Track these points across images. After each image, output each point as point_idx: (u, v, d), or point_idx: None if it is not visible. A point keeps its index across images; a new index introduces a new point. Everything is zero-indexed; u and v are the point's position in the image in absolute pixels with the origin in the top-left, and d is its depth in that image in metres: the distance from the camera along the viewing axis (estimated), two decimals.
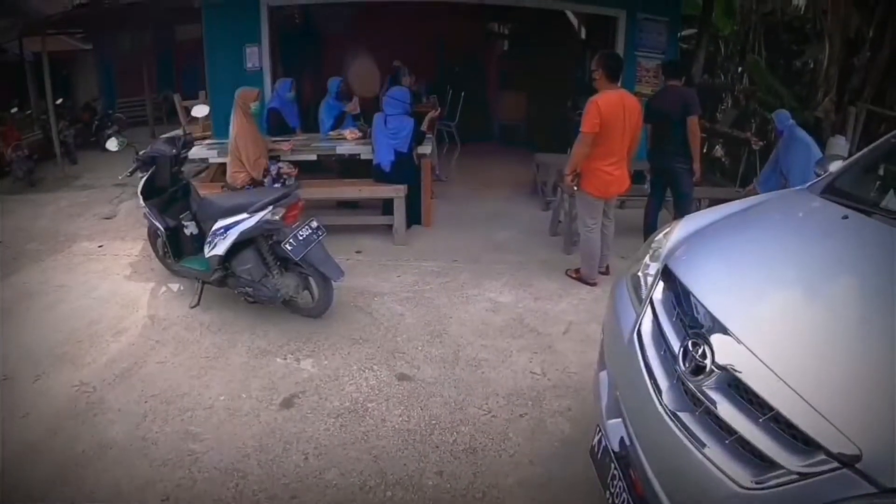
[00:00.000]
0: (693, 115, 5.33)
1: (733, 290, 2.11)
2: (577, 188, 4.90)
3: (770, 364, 1.63)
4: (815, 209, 2.56)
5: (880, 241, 2.14)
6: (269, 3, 7.61)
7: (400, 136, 5.97)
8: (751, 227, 2.61)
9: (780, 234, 2.48)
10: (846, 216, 2.29)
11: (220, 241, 4.26)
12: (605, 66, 4.67)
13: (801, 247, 2.30)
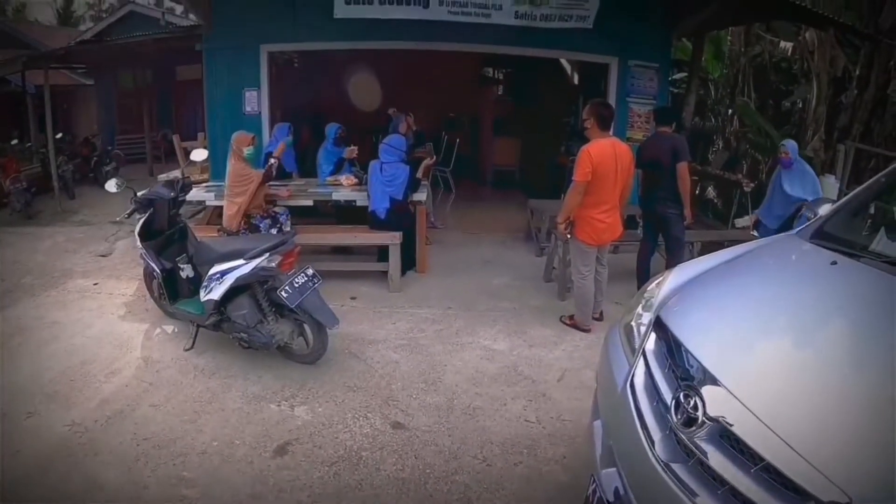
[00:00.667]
0: (682, 162, 5.41)
1: (724, 341, 2.14)
2: (570, 236, 4.97)
3: (760, 415, 1.66)
4: (805, 256, 2.61)
5: (868, 287, 2.18)
6: (268, 49, 7.76)
7: (395, 183, 6.03)
8: (741, 276, 2.64)
9: (770, 282, 2.52)
10: (835, 262, 2.33)
11: (217, 286, 4.27)
12: (596, 114, 4.76)
13: (790, 295, 2.33)
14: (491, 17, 6.09)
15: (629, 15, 7.27)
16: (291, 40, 7.83)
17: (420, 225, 6.38)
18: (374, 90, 10.53)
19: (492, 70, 14.91)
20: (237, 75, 7.76)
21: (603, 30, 6.42)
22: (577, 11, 6.22)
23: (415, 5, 6.02)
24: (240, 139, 5.70)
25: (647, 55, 7.96)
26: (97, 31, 17.78)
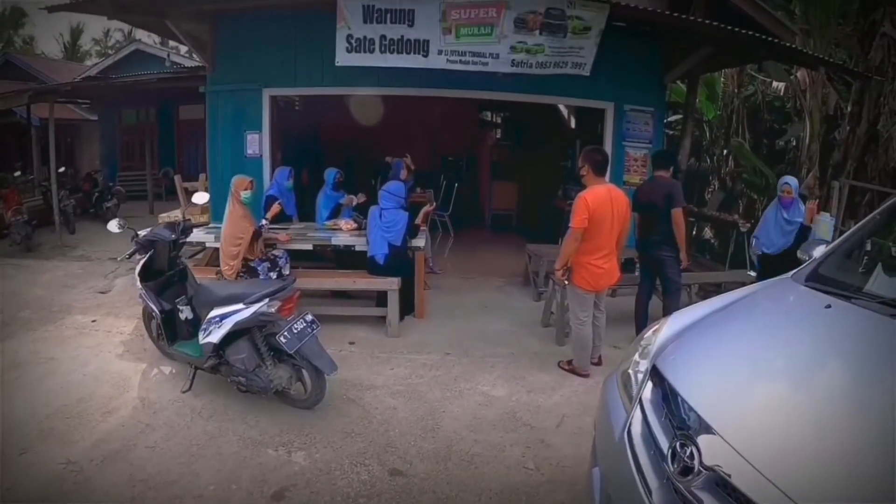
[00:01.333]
0: (677, 207, 5.49)
1: (719, 389, 2.16)
2: (567, 282, 5.00)
3: (757, 465, 1.67)
4: (799, 300, 2.65)
5: (862, 330, 2.21)
6: (270, 92, 7.90)
7: (394, 229, 6.08)
8: (736, 323, 2.67)
9: (765, 328, 2.54)
10: (829, 305, 2.36)
11: (216, 330, 4.28)
12: (591, 161, 4.84)
13: (785, 341, 2.36)
14: (488, 66, 6.22)
15: (624, 60, 7.46)
16: (293, 85, 7.98)
17: (419, 270, 6.41)
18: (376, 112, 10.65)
19: (490, 114, 15.13)
20: (239, 118, 7.89)
21: (598, 75, 6.55)
22: (573, 59, 6.33)
23: (414, 54, 6.14)
24: (237, 183, 5.80)
25: (642, 99, 8.12)
26: (103, 68, 18.10)
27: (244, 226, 5.73)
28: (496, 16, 6.01)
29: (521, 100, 8.54)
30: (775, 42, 6.81)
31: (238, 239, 5.71)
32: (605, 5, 6.10)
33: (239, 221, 5.74)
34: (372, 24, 6.06)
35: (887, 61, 8.60)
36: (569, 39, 6.18)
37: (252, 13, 7.56)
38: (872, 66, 8.70)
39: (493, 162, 12.67)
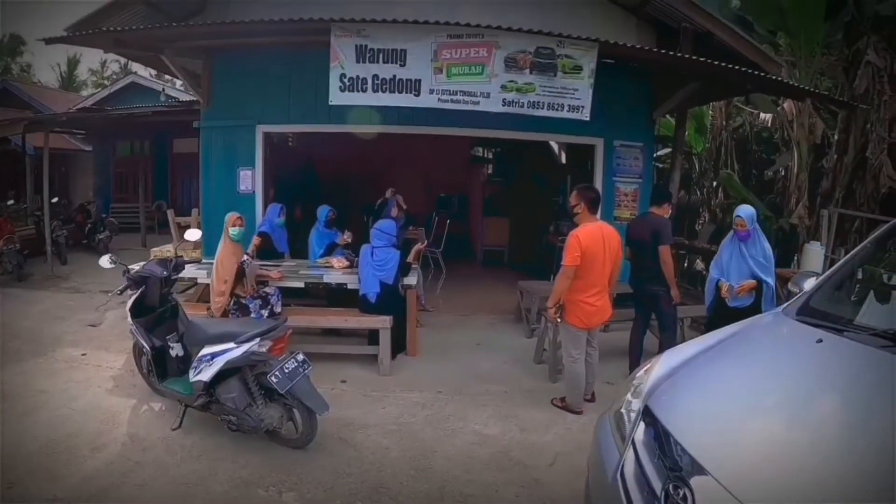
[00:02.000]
0: (663, 245, 5.58)
1: (712, 429, 2.16)
2: (560, 320, 5.00)
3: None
4: (791, 335, 2.67)
5: (854, 364, 2.22)
6: (264, 129, 7.97)
7: (386, 268, 6.09)
8: (728, 361, 2.68)
9: (757, 365, 2.55)
10: (820, 340, 2.38)
11: (206, 368, 4.26)
12: (585, 199, 4.89)
13: (777, 378, 2.36)
14: (479, 105, 6.27)
15: (613, 96, 7.54)
16: (287, 122, 8.06)
17: (411, 308, 6.40)
18: (369, 149, 10.72)
19: (482, 149, 15.27)
20: (233, 154, 7.94)
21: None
22: (570, 101, 6.36)
23: (406, 93, 6.21)
24: (227, 219, 5.90)
25: (631, 135, 8.24)
26: (98, 99, 18.24)
27: (231, 262, 5.76)
28: (487, 55, 6.10)
29: (511, 137, 8.66)
30: (762, 75, 6.95)
31: (224, 279, 5.73)
32: (594, 44, 6.20)
33: (227, 258, 5.77)
34: (364, 64, 6.14)
35: (872, 89, 8.77)
36: (559, 79, 6.25)
37: (247, 50, 7.65)
38: (858, 94, 8.87)
39: (485, 198, 12.77)
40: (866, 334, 2.33)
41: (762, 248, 5.27)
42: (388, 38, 6.10)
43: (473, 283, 10.32)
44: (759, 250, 5.26)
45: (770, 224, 10.23)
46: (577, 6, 8.02)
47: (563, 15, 7.72)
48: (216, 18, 7.68)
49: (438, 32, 6.07)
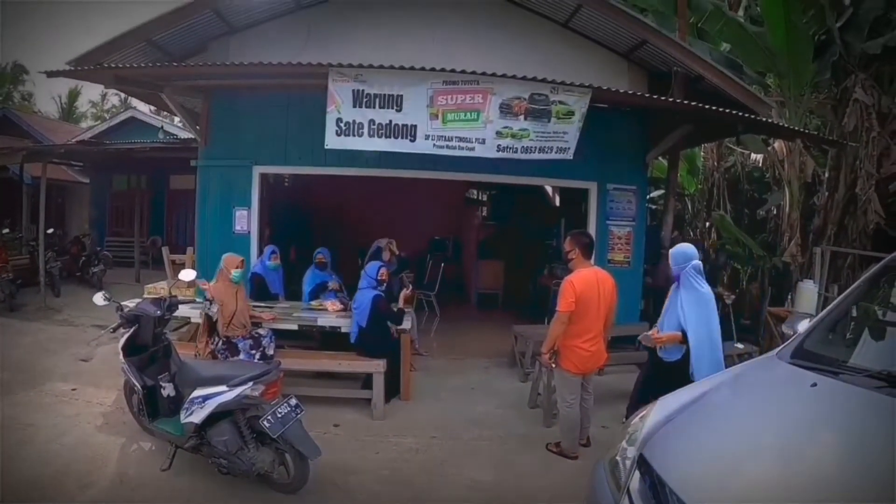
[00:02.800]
0: None
1: (707, 478, 2.16)
2: (555, 365, 4.99)
3: None
4: (785, 379, 2.67)
5: (849, 407, 2.23)
6: (260, 170, 8.02)
7: (359, 308, 6.13)
8: (722, 407, 2.70)
9: (752, 412, 2.56)
10: (815, 384, 2.39)
11: (198, 410, 4.24)
12: (580, 244, 4.93)
13: (772, 425, 2.37)
14: (475, 151, 6.33)
15: (606, 140, 7.69)
16: (283, 163, 8.14)
17: (405, 352, 6.38)
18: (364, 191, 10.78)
19: (476, 192, 15.38)
20: (229, 193, 7.97)
21: (581, 156, 6.69)
22: (557, 143, 6.45)
23: (402, 138, 6.26)
24: (229, 260, 5.89)
25: (624, 178, 8.33)
26: (97, 132, 18.32)
27: (229, 302, 5.76)
28: (482, 101, 6.19)
29: (506, 181, 8.76)
30: (752, 118, 7.07)
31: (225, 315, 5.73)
32: (588, 90, 6.30)
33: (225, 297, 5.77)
34: (361, 109, 6.20)
35: (861, 126, 8.88)
36: (552, 124, 6.33)
37: (246, 91, 7.77)
38: (847, 131, 8.99)
39: (480, 240, 12.80)
40: (861, 376, 2.34)
41: (694, 294, 4.64)
42: (385, 83, 6.17)
43: (468, 326, 10.28)
44: (689, 297, 4.65)
45: (763, 263, 10.31)
46: (571, 51, 8.20)
47: (557, 59, 7.91)
48: (217, 59, 7.82)
49: (435, 78, 6.16)
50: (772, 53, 9.43)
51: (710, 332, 4.54)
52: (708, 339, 4.51)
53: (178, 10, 7.19)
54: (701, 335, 4.51)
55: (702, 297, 4.61)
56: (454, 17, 8.02)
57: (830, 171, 9.65)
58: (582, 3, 7.49)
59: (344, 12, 8.02)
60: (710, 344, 4.50)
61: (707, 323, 4.56)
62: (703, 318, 4.56)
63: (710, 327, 4.56)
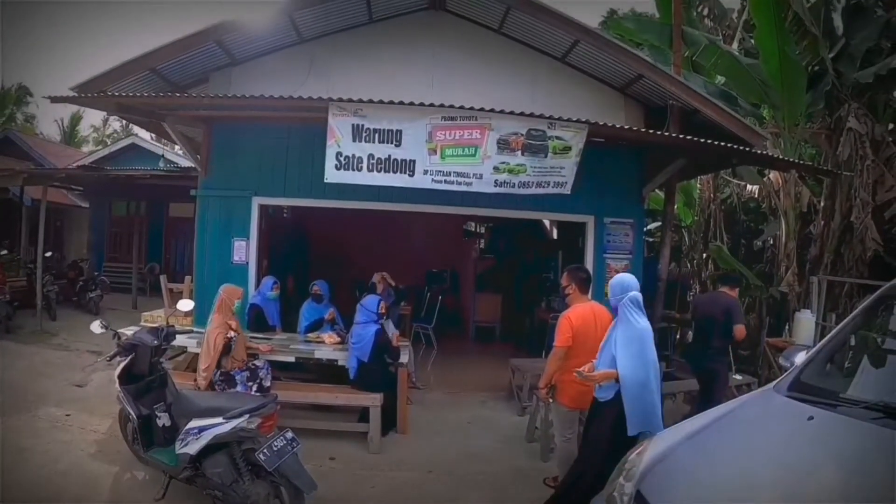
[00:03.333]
0: (739, 324, 6.13)
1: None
2: (552, 400, 4.99)
3: None
4: (781, 414, 2.67)
5: (846, 440, 2.23)
6: (260, 201, 8.05)
7: (361, 343, 6.11)
8: (719, 443, 2.69)
9: (748, 447, 2.56)
10: (811, 417, 2.40)
11: (193, 441, 4.24)
12: (577, 280, 4.95)
13: (768, 460, 2.36)
14: (472, 186, 6.37)
15: (603, 174, 7.74)
16: (283, 195, 8.16)
17: (401, 385, 6.37)
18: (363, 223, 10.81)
19: (474, 224, 15.43)
20: (228, 223, 7.98)
21: (578, 190, 6.74)
22: (555, 178, 6.50)
23: (401, 173, 6.30)
24: (230, 291, 5.93)
25: (621, 211, 8.36)
26: (98, 158, 18.41)
27: (217, 341, 5.74)
28: (480, 137, 6.24)
29: (503, 215, 8.81)
30: (747, 150, 7.16)
31: (213, 349, 5.71)
32: (584, 125, 6.37)
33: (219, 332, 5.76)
34: (360, 143, 6.25)
35: (855, 155, 9.00)
36: (549, 159, 6.39)
37: (247, 122, 7.84)
38: (841, 160, 9.10)
39: (477, 273, 12.82)
40: (858, 408, 2.35)
41: (629, 330, 4.26)
42: (385, 118, 6.24)
43: (465, 359, 10.27)
44: (623, 332, 4.27)
45: (761, 293, 10.34)
46: (568, 85, 8.32)
47: (555, 94, 8.04)
48: (218, 89, 7.93)
49: (434, 114, 6.22)
50: (766, 85, 9.59)
51: (640, 372, 4.13)
52: (638, 380, 4.10)
53: (181, 41, 7.28)
54: (631, 375, 4.12)
55: (635, 334, 4.22)
56: (454, 52, 8.16)
57: (826, 200, 9.75)
58: (579, 39, 7.60)
59: (345, 46, 8.15)
60: (640, 386, 4.09)
61: (639, 362, 4.14)
62: (635, 355, 4.15)
63: (643, 367, 4.14)
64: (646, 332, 4.24)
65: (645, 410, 4.05)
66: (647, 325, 4.29)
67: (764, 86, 9.68)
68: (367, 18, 8.15)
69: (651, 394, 4.11)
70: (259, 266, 8.10)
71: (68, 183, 14.85)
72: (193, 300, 6.81)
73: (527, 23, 7.81)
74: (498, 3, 7.50)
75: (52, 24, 51.96)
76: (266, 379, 5.96)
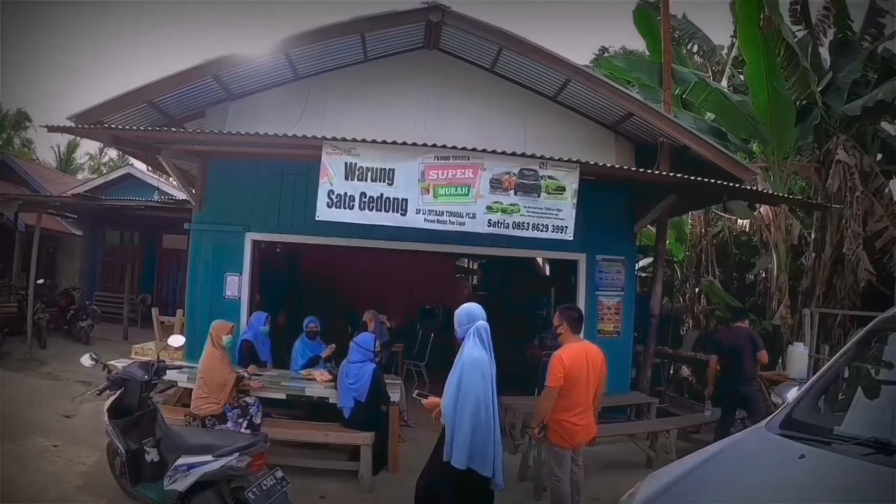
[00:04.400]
0: (762, 350, 6.84)
1: None
2: (543, 439, 4.97)
3: None
4: (774, 452, 2.67)
5: (837, 478, 2.25)
6: (253, 237, 8.08)
7: (359, 383, 6.05)
8: (710, 483, 2.68)
9: (742, 486, 2.56)
10: (803, 455, 2.40)
11: (182, 478, 4.22)
12: (568, 319, 4.95)
13: (762, 499, 2.39)
14: (465, 226, 6.37)
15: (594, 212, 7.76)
16: (276, 231, 8.21)
17: (393, 424, 6.33)
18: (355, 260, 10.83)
19: (467, 261, 15.46)
20: (221, 258, 8.00)
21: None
22: (553, 222, 6.48)
23: (393, 212, 6.31)
24: (219, 327, 5.89)
25: (613, 248, 8.44)
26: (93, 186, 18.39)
27: (222, 369, 5.73)
28: (472, 176, 6.28)
29: (495, 254, 8.90)
30: (737, 186, 7.25)
31: (221, 379, 5.68)
32: (575, 165, 6.44)
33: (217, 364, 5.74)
34: (352, 182, 6.29)
35: (844, 186, 9.14)
36: (543, 199, 6.41)
37: (241, 158, 7.90)
38: (831, 192, 9.22)
39: None
40: (850, 444, 2.37)
41: (463, 360, 4.07)
42: (378, 157, 6.29)
43: None
44: (459, 362, 4.10)
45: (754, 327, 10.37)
46: (560, 124, 8.45)
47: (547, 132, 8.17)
48: (215, 124, 8.02)
49: (426, 154, 6.28)
50: (755, 120, 9.76)
51: (450, 402, 3.97)
52: (448, 409, 3.98)
53: (179, 75, 7.39)
54: (446, 403, 4.01)
55: (459, 363, 4.06)
56: (447, 90, 8.31)
57: (816, 233, 9.89)
58: (570, 78, 7.73)
59: (340, 83, 8.29)
60: (450, 416, 3.95)
61: (453, 392, 3.98)
62: (453, 385, 4.01)
63: (455, 397, 3.95)
64: (470, 362, 4.03)
65: (459, 442, 3.87)
66: (479, 356, 4.09)
67: (753, 121, 9.86)
68: (363, 57, 8.30)
69: (463, 425, 3.89)
70: (251, 301, 8.10)
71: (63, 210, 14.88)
72: (185, 334, 6.79)
73: (519, 62, 7.95)
74: (490, 42, 7.64)
75: (52, 22, 52.30)
76: (257, 416, 5.91)
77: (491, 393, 4.05)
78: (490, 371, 4.09)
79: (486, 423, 3.95)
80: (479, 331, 4.24)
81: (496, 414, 4.09)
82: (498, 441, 4.08)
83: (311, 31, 7.34)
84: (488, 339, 4.23)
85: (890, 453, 2.26)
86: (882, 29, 10.61)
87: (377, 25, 7.47)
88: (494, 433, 4.02)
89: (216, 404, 5.62)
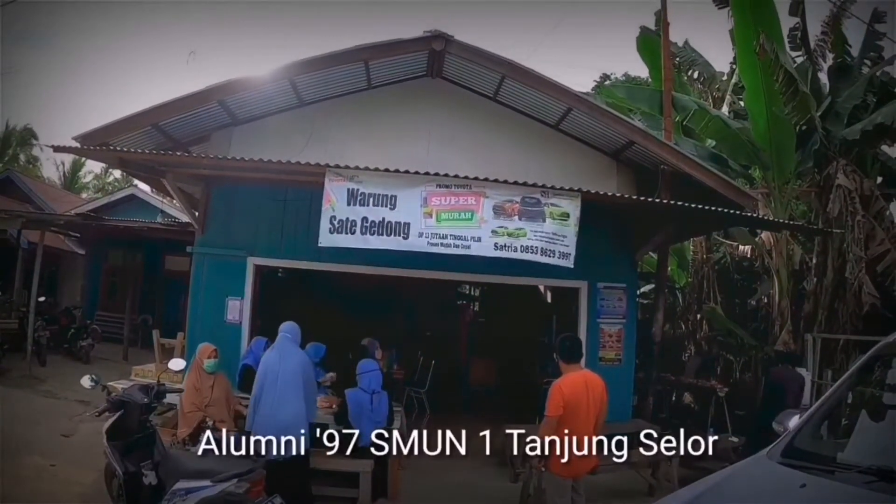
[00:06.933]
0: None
1: None
2: (544, 469, 4.94)
3: None
4: (775, 481, 2.64)
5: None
6: (255, 261, 8.08)
7: (381, 413, 6.06)
8: None
9: None
10: (804, 484, 2.38)
11: (180, 502, 4.21)
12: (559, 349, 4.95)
13: None
14: (471, 249, 6.31)
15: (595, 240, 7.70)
16: (278, 256, 8.20)
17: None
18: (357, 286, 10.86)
19: (468, 287, 15.47)
20: (223, 282, 7.97)
21: None
22: (560, 248, 6.42)
23: (395, 236, 6.27)
24: (201, 350, 5.99)
25: (614, 276, 8.41)
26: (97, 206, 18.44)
27: (195, 393, 5.80)
28: (475, 203, 6.27)
29: (497, 281, 8.94)
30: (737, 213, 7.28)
31: (194, 401, 5.75)
32: (577, 194, 6.45)
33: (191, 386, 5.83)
34: (354, 207, 6.28)
35: (845, 211, 9.12)
36: (549, 224, 6.37)
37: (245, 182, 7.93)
38: (832, 217, 9.23)
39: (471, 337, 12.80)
40: (851, 472, 2.35)
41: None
42: (380, 184, 6.29)
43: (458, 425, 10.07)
44: None
45: (756, 352, 10.35)
46: (561, 152, 8.53)
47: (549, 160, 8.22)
48: (219, 149, 8.06)
49: (428, 182, 6.30)
50: (755, 146, 9.84)
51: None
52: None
53: (185, 99, 7.46)
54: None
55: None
56: (450, 118, 8.38)
57: (818, 257, 9.89)
58: (572, 107, 7.80)
59: (344, 110, 8.37)
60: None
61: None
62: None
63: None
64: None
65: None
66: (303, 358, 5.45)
67: (753, 147, 9.93)
68: (366, 85, 8.37)
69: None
70: (252, 326, 8.07)
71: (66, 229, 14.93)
72: (185, 357, 6.78)
73: (521, 91, 8.03)
74: (493, 71, 7.73)
75: (52, 20, 52.71)
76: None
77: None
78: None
79: None
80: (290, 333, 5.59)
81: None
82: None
83: (316, 59, 7.43)
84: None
85: (892, 481, 2.24)
86: (880, 52, 10.75)
87: (381, 53, 7.57)
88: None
89: (186, 427, 5.64)
